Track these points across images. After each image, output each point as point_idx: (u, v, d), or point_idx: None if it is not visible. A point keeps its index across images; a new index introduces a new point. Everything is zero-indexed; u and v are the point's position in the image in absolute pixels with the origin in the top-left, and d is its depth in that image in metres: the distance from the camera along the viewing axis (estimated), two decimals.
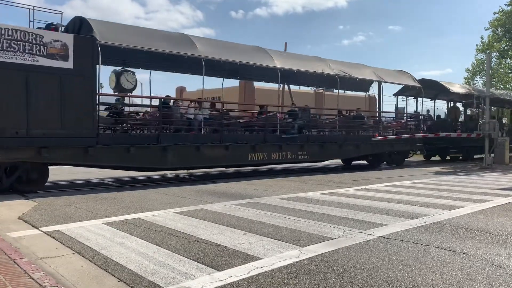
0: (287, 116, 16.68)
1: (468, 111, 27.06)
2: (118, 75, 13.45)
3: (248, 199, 9.18)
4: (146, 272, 4.36)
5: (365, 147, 17.70)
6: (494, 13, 33.85)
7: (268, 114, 15.66)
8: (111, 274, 4.35)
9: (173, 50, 12.86)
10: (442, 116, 26.13)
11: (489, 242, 5.61)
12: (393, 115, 21.98)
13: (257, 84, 25.80)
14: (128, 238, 5.75)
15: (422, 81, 21.60)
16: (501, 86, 38.82)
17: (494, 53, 35.15)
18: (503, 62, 38.85)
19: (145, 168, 12.71)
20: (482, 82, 41.79)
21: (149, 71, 15.63)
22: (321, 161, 18.16)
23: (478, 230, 6.29)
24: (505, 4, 32.66)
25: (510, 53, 34.40)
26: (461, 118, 26.94)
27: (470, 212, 7.76)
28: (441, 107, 29.06)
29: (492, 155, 19.74)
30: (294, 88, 21.23)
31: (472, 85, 25.11)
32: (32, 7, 11.42)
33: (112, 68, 14.23)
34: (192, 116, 14.14)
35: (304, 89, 24.66)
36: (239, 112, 18.69)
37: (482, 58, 40.91)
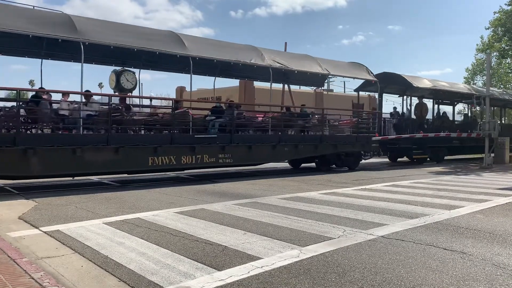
0: (209, 113, 14.54)
1: (467, 109, 26.81)
2: (118, 75, 13.46)
3: (248, 199, 9.19)
4: (146, 272, 4.36)
5: (305, 149, 15.59)
6: (494, 12, 33.79)
7: (177, 111, 13.32)
8: (111, 273, 4.35)
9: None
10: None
11: (489, 242, 5.61)
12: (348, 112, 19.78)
13: (257, 84, 25.76)
14: (128, 238, 5.76)
15: (384, 75, 20.12)
16: (501, 86, 38.82)
17: (494, 53, 35.12)
18: (503, 62, 38.83)
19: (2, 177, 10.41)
20: (482, 82, 41.82)
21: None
22: (251, 165, 15.74)
23: (478, 230, 6.29)
24: (505, 4, 32.61)
25: (510, 53, 34.36)
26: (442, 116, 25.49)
27: (470, 212, 7.76)
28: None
29: (492, 154, 19.75)
30: (294, 88, 20.98)
31: (442, 82, 22.97)
32: (32, 7, 11.45)
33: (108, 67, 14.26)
34: (67, 113, 11.54)
35: (305, 89, 24.52)
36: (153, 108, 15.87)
37: (482, 58, 40.93)
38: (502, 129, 25.03)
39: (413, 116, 22.61)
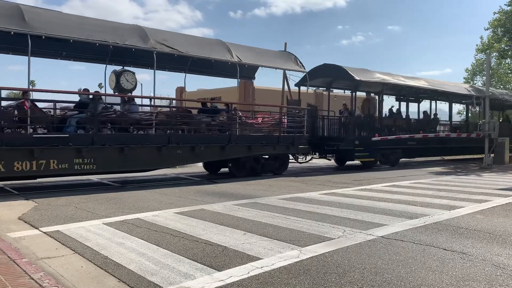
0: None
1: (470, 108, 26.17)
2: (118, 75, 13.44)
3: (248, 199, 9.19)
4: (146, 272, 4.36)
5: (207, 151, 12.96)
6: (494, 13, 33.84)
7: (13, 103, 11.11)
8: (111, 274, 4.35)
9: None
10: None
11: (489, 242, 5.61)
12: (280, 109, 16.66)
13: (257, 84, 25.77)
14: (128, 239, 5.76)
15: (324, 67, 18.37)
16: (501, 86, 38.83)
17: (494, 53, 35.13)
18: (503, 62, 38.85)
19: None
20: (481, 82, 41.82)
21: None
22: (127, 172, 12.58)
23: (478, 230, 6.29)
24: (505, 4, 32.64)
25: (509, 53, 34.38)
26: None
27: (470, 212, 7.77)
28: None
29: (492, 155, 19.74)
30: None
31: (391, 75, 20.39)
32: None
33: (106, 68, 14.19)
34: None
35: (304, 89, 24.22)
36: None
37: (482, 58, 40.94)
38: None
39: (357, 113, 19.69)
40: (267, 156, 15.04)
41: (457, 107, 30.05)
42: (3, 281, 4.04)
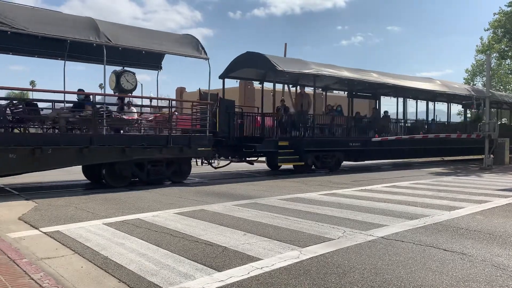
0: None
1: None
2: (118, 75, 13.45)
3: (248, 199, 9.19)
4: (146, 273, 4.36)
5: (58, 156, 10.27)
6: (494, 14, 33.85)
7: None
8: (111, 274, 4.35)
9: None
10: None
11: (489, 243, 5.61)
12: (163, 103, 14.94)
13: (257, 85, 25.75)
14: (128, 239, 5.76)
15: (248, 56, 15.83)
16: (501, 87, 38.86)
17: (494, 54, 35.15)
18: (503, 63, 38.88)
19: None
20: (482, 83, 41.84)
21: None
22: None
23: (478, 231, 6.29)
24: (505, 5, 32.66)
25: (510, 54, 34.39)
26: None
27: (470, 213, 7.76)
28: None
29: (492, 156, 19.74)
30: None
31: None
32: (31, 8, 11.44)
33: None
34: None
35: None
36: None
37: (482, 59, 40.97)
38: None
39: (292, 110, 17.86)
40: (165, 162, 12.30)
41: (453, 107, 29.57)
42: (3, 282, 4.04)
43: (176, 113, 13.84)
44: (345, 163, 19.40)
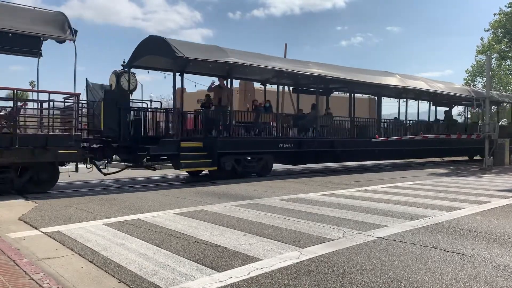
0: None
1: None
2: (118, 76, 13.46)
3: (248, 200, 9.19)
4: (146, 273, 4.36)
5: None
6: (494, 14, 33.87)
7: None
8: (111, 275, 4.35)
9: None
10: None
11: (489, 244, 5.61)
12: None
13: (257, 85, 25.73)
14: (128, 239, 5.76)
15: (149, 41, 13.63)
16: (501, 88, 38.86)
17: (494, 55, 35.16)
18: (503, 63, 38.89)
19: None
20: (482, 83, 41.85)
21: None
22: None
23: (478, 232, 6.29)
24: (505, 6, 32.66)
25: (510, 54, 34.40)
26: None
27: (470, 213, 7.76)
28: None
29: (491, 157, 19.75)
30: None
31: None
32: (32, 8, 11.44)
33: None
34: None
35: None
36: None
37: (482, 60, 40.97)
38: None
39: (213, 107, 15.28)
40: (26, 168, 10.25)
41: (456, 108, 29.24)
42: (3, 282, 4.04)
43: (24, 108, 11.55)
44: (345, 164, 19.43)
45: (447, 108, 25.37)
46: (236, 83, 24.42)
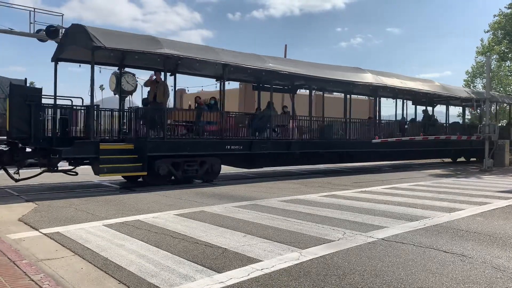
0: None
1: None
2: (118, 77, 13.46)
3: (248, 201, 9.18)
4: (146, 274, 4.36)
5: None
6: (494, 15, 33.88)
7: None
8: (111, 276, 4.35)
9: None
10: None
11: (489, 245, 5.61)
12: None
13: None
14: (128, 240, 5.76)
15: (73, 29, 12.03)
16: (501, 89, 38.86)
17: (494, 56, 35.18)
18: (503, 64, 38.89)
19: None
20: (482, 84, 41.87)
21: None
22: None
23: (478, 233, 6.29)
24: (505, 7, 32.67)
25: (510, 55, 34.42)
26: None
27: (470, 214, 7.76)
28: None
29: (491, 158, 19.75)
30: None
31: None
32: (32, 9, 11.46)
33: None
34: None
35: (303, 91, 23.81)
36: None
37: (482, 61, 40.97)
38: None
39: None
40: None
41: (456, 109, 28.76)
42: (3, 283, 4.04)
43: None
44: (343, 165, 19.30)
45: (427, 107, 23.58)
46: (233, 84, 23.83)
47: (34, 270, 4.42)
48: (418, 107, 23.14)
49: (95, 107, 11.83)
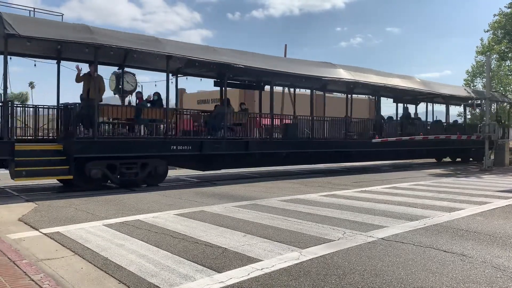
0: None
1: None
2: (118, 76, 13.45)
3: (248, 201, 9.18)
4: (146, 274, 4.36)
5: None
6: (494, 15, 33.90)
7: None
8: (111, 275, 4.35)
9: None
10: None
11: (489, 244, 5.61)
12: None
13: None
14: (128, 240, 5.76)
15: None
16: (501, 88, 38.85)
17: (494, 55, 35.17)
18: (503, 64, 38.89)
19: None
20: (482, 84, 41.87)
21: None
22: None
23: (478, 232, 6.29)
24: (505, 6, 32.67)
25: (510, 55, 34.42)
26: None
27: (470, 214, 7.76)
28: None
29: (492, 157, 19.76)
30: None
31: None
32: (32, 9, 11.44)
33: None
34: None
35: (303, 91, 23.57)
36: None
37: (482, 60, 40.96)
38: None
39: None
40: None
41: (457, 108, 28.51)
42: (3, 283, 4.04)
43: None
44: (342, 165, 19.26)
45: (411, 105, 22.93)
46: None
47: (34, 270, 4.42)
48: (421, 106, 22.71)
49: (9, 103, 10.45)
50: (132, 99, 15.64)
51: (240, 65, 13.52)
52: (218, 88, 16.53)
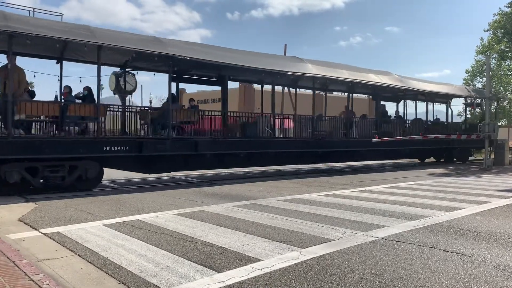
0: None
1: None
2: (118, 76, 13.43)
3: (248, 200, 9.18)
4: (146, 274, 4.36)
5: None
6: (494, 14, 33.93)
7: None
8: (111, 275, 4.35)
9: None
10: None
11: (489, 244, 5.61)
12: None
13: (257, 87, 25.71)
14: (128, 240, 5.75)
15: None
16: (501, 88, 38.87)
17: (494, 55, 35.19)
18: (503, 63, 38.91)
19: None
20: (482, 83, 41.87)
21: None
22: None
23: (478, 232, 6.29)
24: (504, 6, 32.71)
25: (509, 54, 34.43)
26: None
27: (470, 213, 7.76)
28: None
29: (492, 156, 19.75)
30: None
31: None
32: (32, 9, 11.44)
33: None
34: None
35: (304, 91, 23.39)
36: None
37: (481, 60, 40.98)
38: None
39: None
40: None
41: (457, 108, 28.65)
42: (3, 283, 4.04)
43: None
44: (343, 164, 19.25)
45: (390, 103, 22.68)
46: (234, 85, 23.07)
47: (34, 270, 4.42)
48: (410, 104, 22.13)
49: None
50: (132, 98, 15.64)
51: (186, 57, 12.14)
52: (219, 88, 15.95)
